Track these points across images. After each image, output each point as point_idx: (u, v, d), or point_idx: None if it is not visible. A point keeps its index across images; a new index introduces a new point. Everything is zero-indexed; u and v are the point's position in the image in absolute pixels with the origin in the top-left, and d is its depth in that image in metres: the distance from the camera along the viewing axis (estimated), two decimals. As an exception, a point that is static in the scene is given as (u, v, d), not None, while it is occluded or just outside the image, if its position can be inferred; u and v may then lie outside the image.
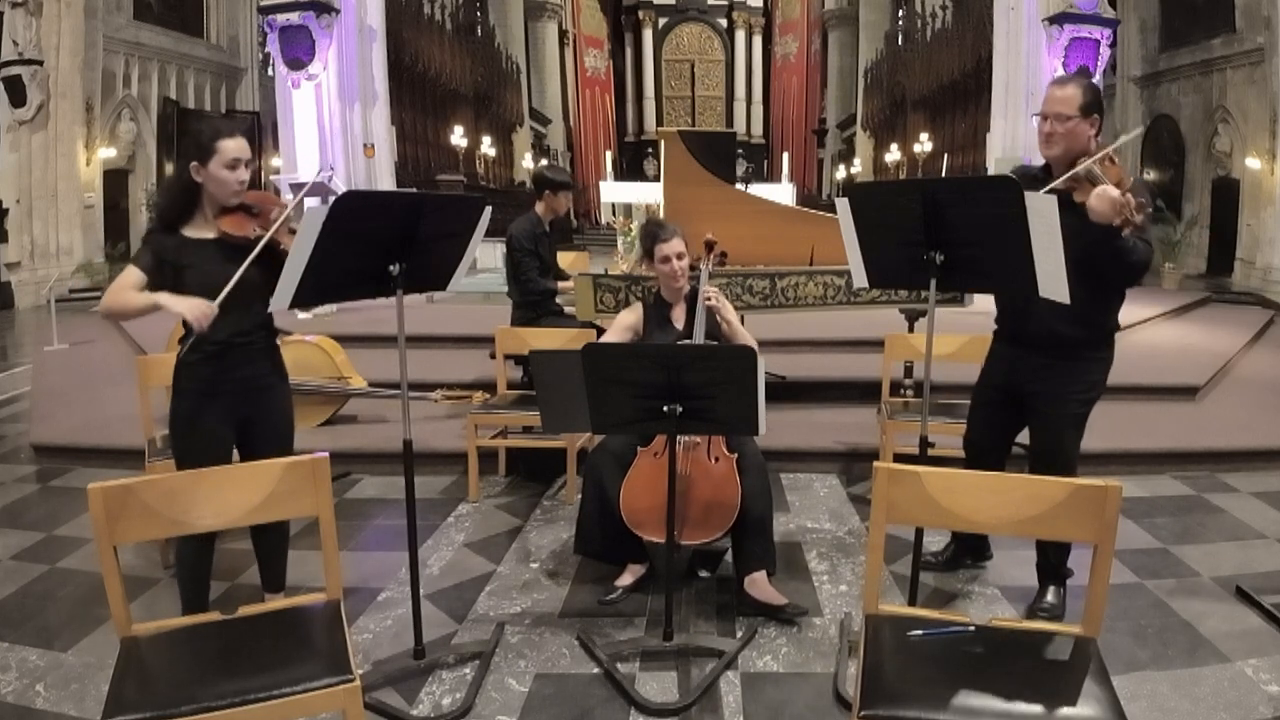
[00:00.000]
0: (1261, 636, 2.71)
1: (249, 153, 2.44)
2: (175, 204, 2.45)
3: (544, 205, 4.54)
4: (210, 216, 2.44)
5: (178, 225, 2.42)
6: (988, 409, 2.95)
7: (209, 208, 2.43)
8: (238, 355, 2.47)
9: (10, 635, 2.72)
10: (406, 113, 15.12)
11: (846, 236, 2.48)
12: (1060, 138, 2.55)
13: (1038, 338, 2.67)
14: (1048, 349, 2.67)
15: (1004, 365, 2.85)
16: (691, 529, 2.83)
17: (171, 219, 2.43)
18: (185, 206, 2.43)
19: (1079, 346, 2.67)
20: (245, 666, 1.77)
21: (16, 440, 4.98)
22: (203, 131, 2.43)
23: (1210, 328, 8.03)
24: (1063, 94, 2.55)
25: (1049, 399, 2.71)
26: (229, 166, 2.38)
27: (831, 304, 4.54)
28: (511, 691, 2.44)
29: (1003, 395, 2.86)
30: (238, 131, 2.45)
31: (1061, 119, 2.54)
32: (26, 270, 11.91)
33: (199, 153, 2.37)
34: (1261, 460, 4.39)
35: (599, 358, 2.40)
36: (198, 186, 2.40)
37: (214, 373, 2.44)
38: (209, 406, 2.46)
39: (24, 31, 11.51)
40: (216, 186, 2.39)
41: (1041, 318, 2.61)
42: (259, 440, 2.55)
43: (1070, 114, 2.53)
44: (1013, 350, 2.80)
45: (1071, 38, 10.22)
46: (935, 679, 1.74)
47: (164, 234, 2.42)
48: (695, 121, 27.78)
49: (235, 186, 2.40)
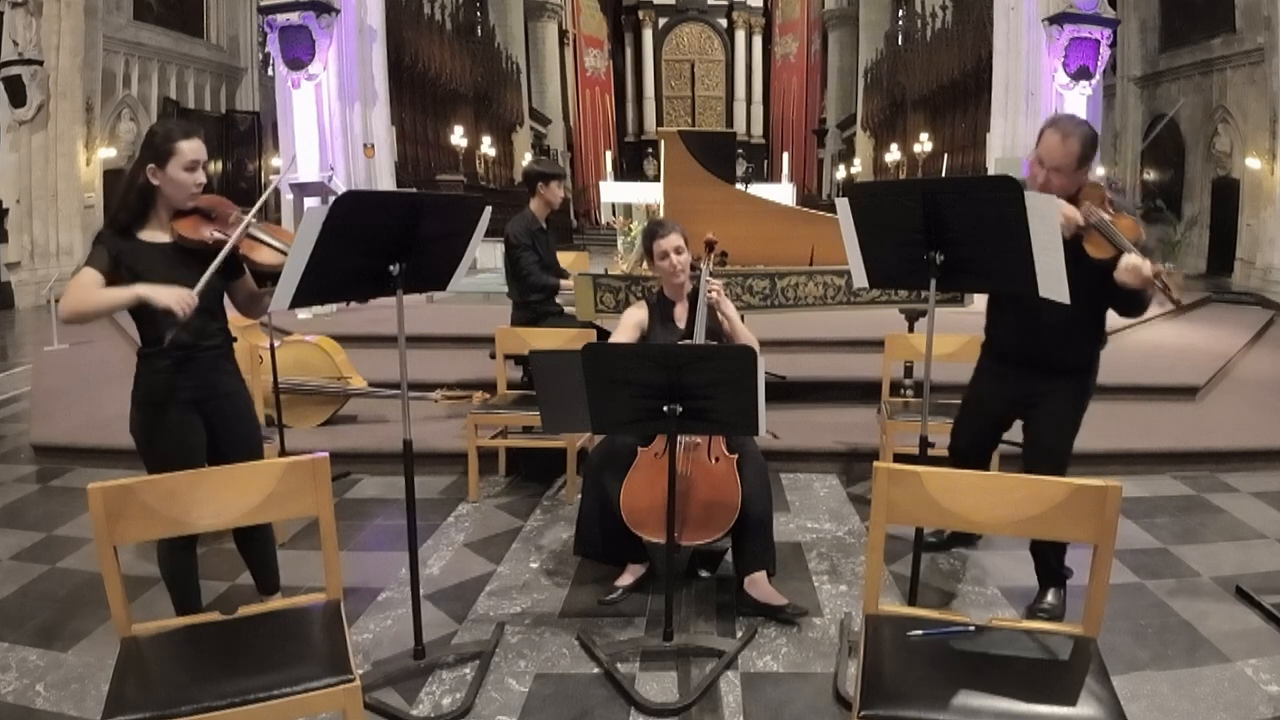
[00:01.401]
0: (1261, 636, 2.71)
1: (205, 154, 2.38)
2: (130, 206, 2.35)
3: (538, 200, 4.54)
4: (165, 220, 2.37)
5: (131, 228, 2.35)
6: (977, 423, 2.98)
7: (164, 211, 2.37)
8: (201, 361, 2.43)
9: (10, 635, 2.72)
10: (406, 113, 15.11)
11: (846, 236, 2.48)
12: (1056, 189, 2.53)
13: (1037, 360, 2.72)
14: (1044, 371, 2.72)
15: (996, 383, 2.88)
16: (692, 529, 2.83)
17: (125, 222, 2.35)
18: (140, 209, 2.35)
19: (1074, 369, 2.73)
20: (245, 666, 1.77)
21: (16, 440, 4.98)
22: (158, 133, 2.35)
23: (1210, 328, 8.03)
24: (1065, 149, 2.52)
25: (1047, 411, 2.75)
26: (187, 169, 2.32)
27: (831, 304, 4.54)
28: (511, 691, 2.44)
29: (994, 412, 2.90)
30: (194, 133, 2.38)
31: (1059, 172, 2.55)
32: (26, 270, 11.91)
33: (156, 154, 2.30)
34: (1261, 460, 4.39)
35: (599, 358, 2.40)
36: (153, 189, 2.33)
37: (178, 380, 2.39)
38: (178, 413, 2.40)
39: (24, 31, 11.51)
40: (173, 189, 2.33)
41: (1043, 345, 2.65)
42: (228, 446, 2.48)
43: (1071, 167, 2.54)
44: (1006, 369, 2.83)
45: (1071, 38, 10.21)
46: (935, 679, 1.74)
47: (117, 237, 2.34)
48: (695, 121, 27.76)
49: (192, 189, 2.35)
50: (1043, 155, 2.57)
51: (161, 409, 2.39)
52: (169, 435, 2.41)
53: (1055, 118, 2.63)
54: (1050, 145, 2.55)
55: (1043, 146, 2.57)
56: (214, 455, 2.48)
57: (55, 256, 12.12)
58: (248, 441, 2.56)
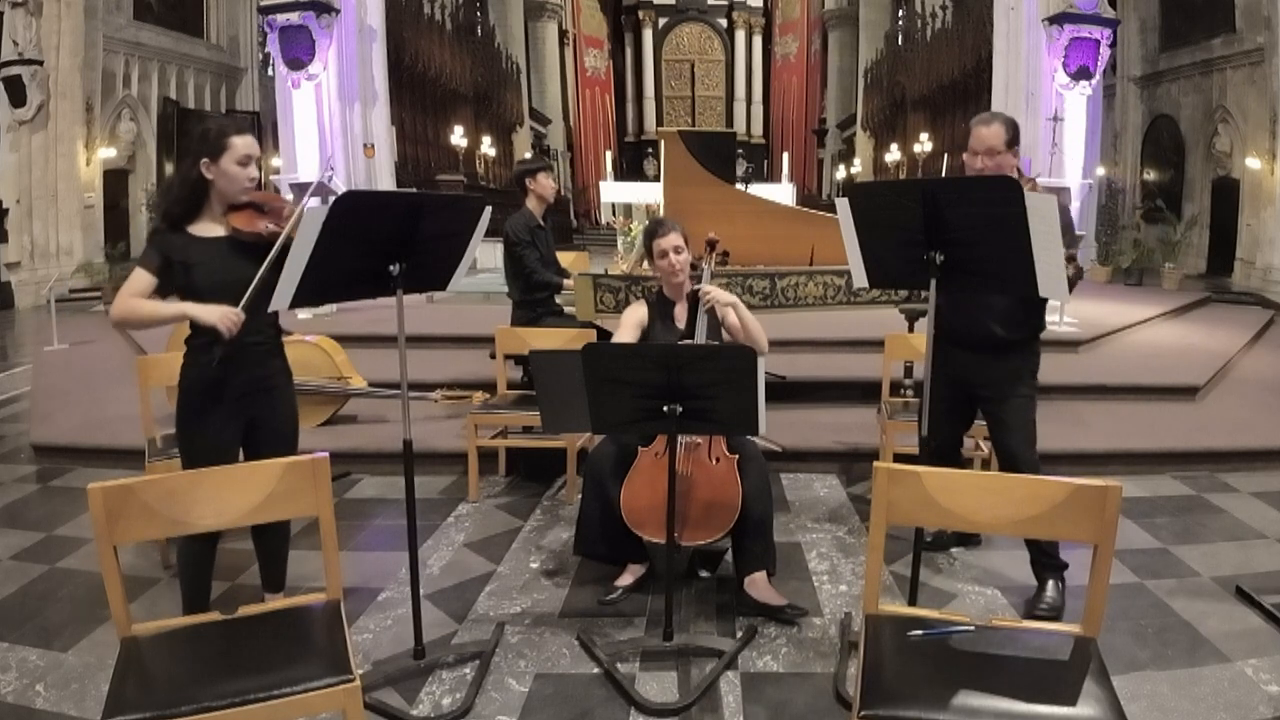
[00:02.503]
0: (1261, 636, 2.71)
1: (259, 150, 2.43)
2: (182, 201, 2.40)
3: (532, 197, 4.54)
4: (219, 214, 2.41)
5: (183, 224, 2.39)
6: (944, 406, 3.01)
7: (217, 205, 2.41)
8: (249, 356, 2.45)
9: (10, 635, 2.73)
10: (406, 113, 15.10)
11: (846, 236, 2.49)
12: (992, 170, 2.78)
13: (976, 339, 2.86)
14: (988, 349, 2.87)
15: (950, 365, 2.96)
16: (692, 529, 2.83)
17: (177, 216, 2.39)
18: (192, 204, 2.39)
19: (1013, 345, 2.88)
20: (245, 666, 1.77)
21: (16, 440, 4.98)
22: (212, 128, 2.40)
23: (1210, 328, 8.02)
24: (990, 131, 2.80)
25: (996, 388, 2.91)
26: (240, 163, 2.36)
27: (831, 304, 4.55)
28: (511, 691, 2.44)
29: (954, 391, 3.01)
30: (247, 129, 2.44)
31: (993, 153, 2.79)
32: (26, 270, 11.91)
33: (210, 148, 2.35)
34: (1261, 460, 4.39)
35: (599, 358, 2.40)
36: (206, 184, 2.38)
37: (225, 374, 2.40)
38: (217, 408, 2.43)
39: (24, 31, 11.50)
40: (227, 183, 2.37)
41: (979, 320, 2.83)
42: (264, 442, 2.52)
43: (1000, 148, 2.78)
44: (955, 351, 2.92)
45: (1071, 38, 10.23)
46: (935, 679, 1.74)
47: (169, 233, 2.38)
48: (695, 121, 27.76)
49: (246, 183, 2.39)
50: (974, 145, 2.81)
51: (202, 402, 2.43)
52: (204, 430, 2.44)
53: (976, 117, 2.90)
54: (980, 135, 2.80)
55: (974, 139, 2.82)
56: (249, 448, 2.52)
57: (55, 256, 12.11)
58: (285, 439, 2.58)
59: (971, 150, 2.83)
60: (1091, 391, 5.31)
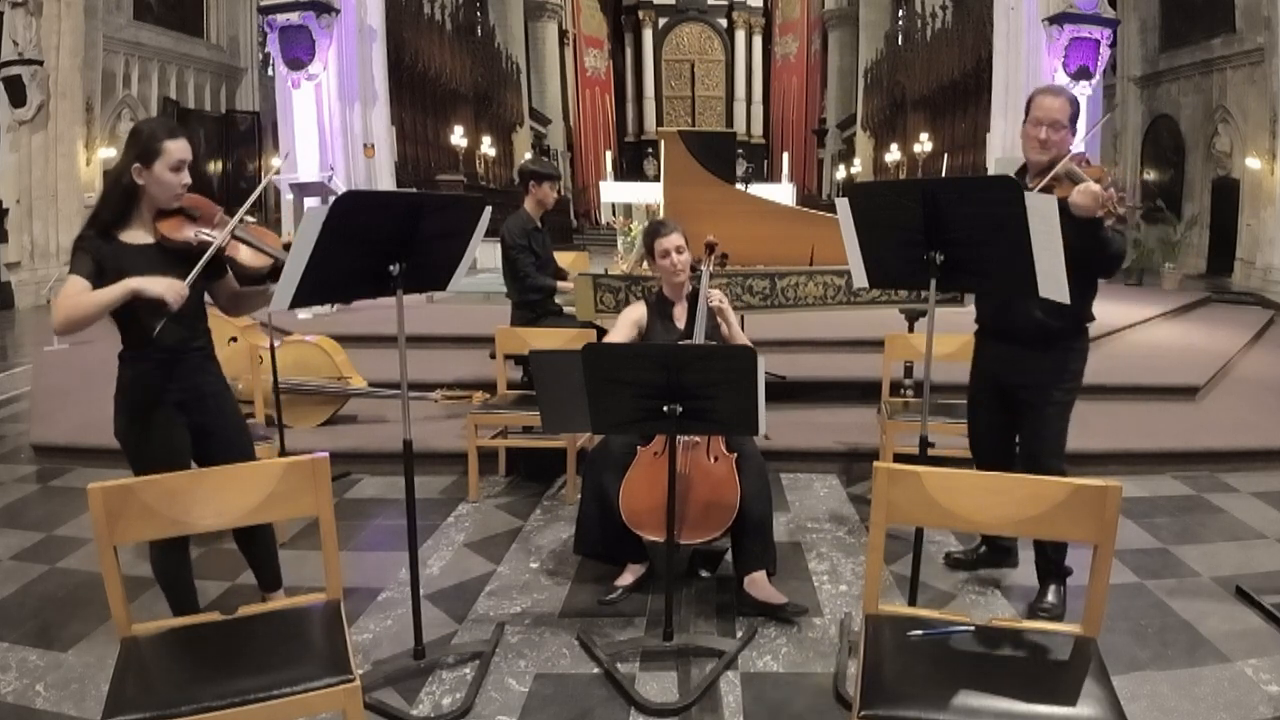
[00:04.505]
0: (1261, 636, 2.71)
1: (191, 155, 2.33)
2: (112, 205, 2.31)
3: (532, 200, 4.54)
4: (148, 220, 2.34)
5: (112, 229, 2.31)
6: (986, 407, 3.00)
7: (147, 211, 2.33)
8: (187, 363, 2.41)
9: (10, 635, 2.73)
10: (406, 113, 15.10)
11: (846, 236, 2.48)
12: (1054, 144, 2.69)
13: (1022, 330, 2.77)
14: (1031, 340, 2.77)
15: (990, 361, 2.93)
16: (691, 529, 2.83)
17: (107, 220, 2.31)
18: (123, 208, 2.31)
19: (1060, 336, 2.77)
20: (245, 666, 1.77)
21: (16, 440, 4.98)
22: (144, 131, 2.30)
23: (1210, 328, 8.02)
24: (1058, 104, 2.69)
25: (1035, 389, 2.80)
26: (173, 169, 2.28)
27: (831, 304, 4.54)
28: (511, 691, 2.44)
29: (995, 390, 2.93)
30: (180, 132, 2.34)
31: (1058, 127, 2.68)
32: (26, 270, 11.91)
33: (142, 154, 2.26)
34: (1261, 460, 4.39)
35: (599, 358, 2.40)
36: (138, 189, 2.29)
37: (163, 383, 2.36)
38: (163, 416, 2.37)
39: (24, 31, 11.50)
40: (158, 189, 2.29)
41: (1024, 309, 2.72)
42: (217, 452, 2.42)
43: (1065, 123, 2.69)
44: (997, 345, 2.88)
45: (1071, 38, 10.22)
46: (935, 679, 1.74)
47: (99, 239, 2.29)
48: (695, 121, 27.75)
49: (177, 190, 2.31)
50: (1040, 116, 2.70)
51: (147, 412, 2.36)
52: (154, 439, 2.37)
53: (1040, 87, 2.82)
54: (1047, 106, 2.70)
55: (1038, 109, 2.71)
56: (202, 458, 2.43)
57: (55, 256, 12.10)
58: (237, 443, 2.53)
59: (1035, 120, 2.70)
60: (1091, 391, 5.24)
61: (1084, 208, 2.44)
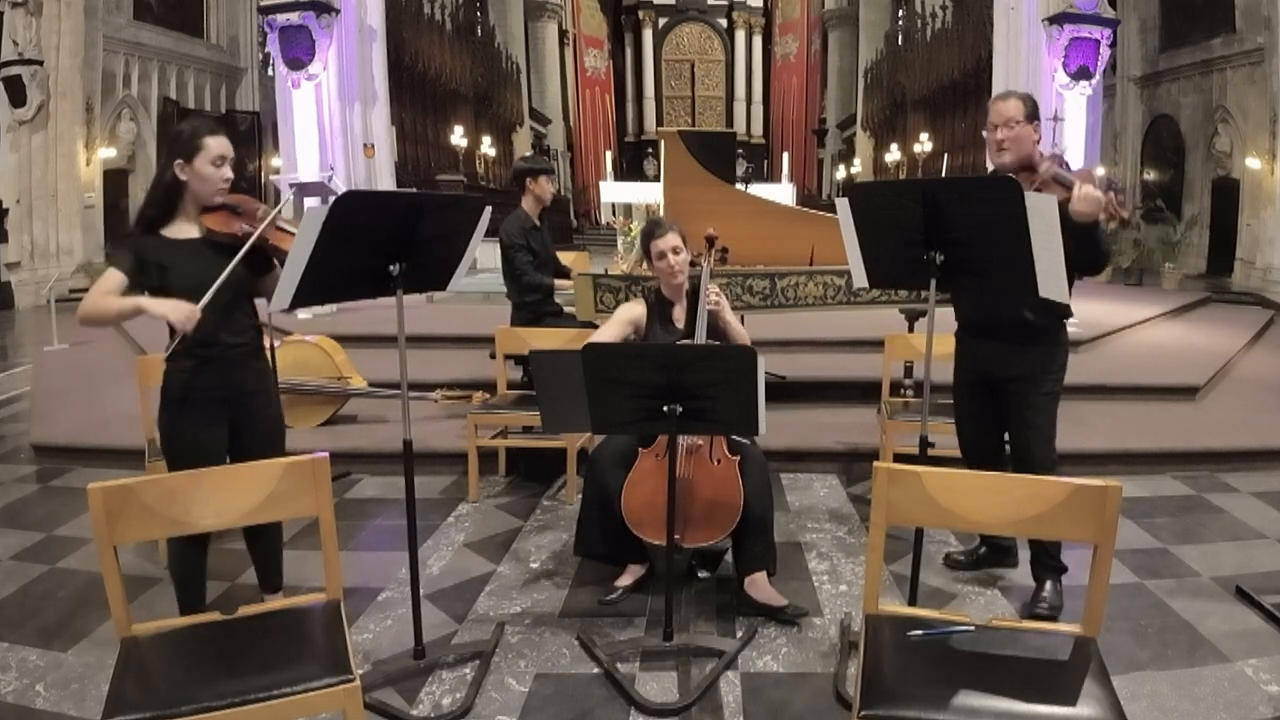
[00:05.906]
0: (1261, 636, 2.71)
1: (232, 150, 2.40)
2: (157, 204, 2.38)
3: (529, 197, 4.54)
4: (193, 215, 2.39)
5: (157, 227, 2.37)
6: (973, 405, 3.01)
7: (191, 207, 2.39)
8: (230, 358, 2.43)
9: (10, 635, 2.72)
10: (406, 113, 15.11)
11: (846, 236, 2.49)
12: (1011, 142, 2.74)
13: (1006, 327, 2.79)
14: (1014, 337, 2.79)
15: (974, 359, 2.95)
16: (694, 530, 2.83)
17: (151, 219, 2.37)
18: (167, 207, 2.37)
19: (1042, 331, 2.80)
20: (245, 666, 1.77)
21: (16, 440, 4.98)
22: (185, 129, 2.39)
23: (1210, 328, 8.02)
24: (1007, 105, 2.78)
25: (1027, 379, 2.83)
26: (214, 163, 2.34)
27: (831, 304, 4.54)
28: (511, 691, 2.44)
29: (983, 386, 2.95)
30: (220, 130, 2.42)
31: (1011, 124, 2.74)
32: (26, 270, 11.91)
33: (183, 150, 2.33)
34: (1261, 460, 4.39)
35: (599, 358, 2.39)
36: (180, 185, 2.35)
37: (206, 378, 2.40)
38: (200, 414, 2.41)
39: (24, 31, 11.51)
40: (201, 184, 2.35)
41: (1008, 306, 2.76)
42: (248, 447, 2.48)
43: (1019, 118, 2.73)
44: (979, 342, 2.90)
45: (1071, 38, 10.20)
46: (935, 679, 1.74)
47: (143, 235, 2.36)
48: (695, 121, 27.75)
49: (220, 184, 2.37)
50: (993, 119, 2.78)
51: (183, 408, 2.41)
52: (186, 437, 2.42)
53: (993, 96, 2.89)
54: (998, 109, 2.77)
55: (992, 113, 2.79)
56: (237, 453, 2.49)
57: (55, 256, 12.12)
58: (271, 441, 2.56)
59: (990, 124, 2.79)
60: (1091, 391, 5.31)
61: (1086, 215, 2.45)
